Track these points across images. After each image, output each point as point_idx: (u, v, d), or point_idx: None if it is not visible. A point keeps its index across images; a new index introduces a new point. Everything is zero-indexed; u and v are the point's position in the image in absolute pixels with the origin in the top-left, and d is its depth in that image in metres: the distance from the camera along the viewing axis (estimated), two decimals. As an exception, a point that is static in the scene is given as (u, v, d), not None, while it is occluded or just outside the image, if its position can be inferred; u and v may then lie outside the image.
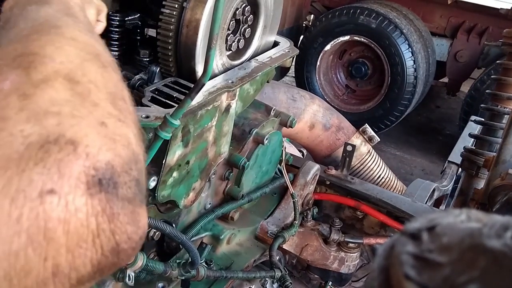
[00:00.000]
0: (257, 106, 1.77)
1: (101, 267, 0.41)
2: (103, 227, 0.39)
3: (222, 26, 1.39)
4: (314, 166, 2.00)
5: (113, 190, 0.40)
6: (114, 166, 0.41)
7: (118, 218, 0.40)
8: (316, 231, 1.95)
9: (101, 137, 0.41)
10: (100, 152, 0.40)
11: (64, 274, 0.38)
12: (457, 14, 5.55)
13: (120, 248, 0.41)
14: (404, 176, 4.41)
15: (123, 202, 0.41)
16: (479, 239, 0.33)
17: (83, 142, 0.39)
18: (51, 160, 0.37)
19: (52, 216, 0.37)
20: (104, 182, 0.39)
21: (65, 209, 0.37)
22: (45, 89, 0.41)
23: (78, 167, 0.38)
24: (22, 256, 0.36)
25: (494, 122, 2.25)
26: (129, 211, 0.41)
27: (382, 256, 0.37)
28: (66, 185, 0.38)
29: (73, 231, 0.38)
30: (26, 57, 0.44)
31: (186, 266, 1.42)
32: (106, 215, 0.39)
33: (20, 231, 0.36)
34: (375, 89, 5.59)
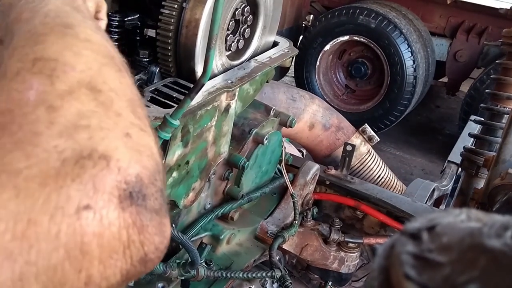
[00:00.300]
0: (257, 106, 1.77)
1: (130, 276, 0.42)
2: (133, 238, 0.41)
3: (222, 27, 1.39)
4: (313, 166, 2.00)
5: (143, 203, 0.41)
6: (142, 178, 0.42)
7: (147, 230, 0.42)
8: (316, 231, 1.95)
9: (128, 149, 0.42)
10: (130, 165, 0.41)
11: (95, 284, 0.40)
12: (456, 14, 5.55)
13: (147, 258, 0.43)
14: (404, 176, 4.42)
15: (151, 214, 0.42)
16: (479, 239, 0.33)
17: (114, 157, 0.41)
18: (86, 176, 0.39)
19: (87, 231, 0.38)
20: (134, 195, 0.41)
21: (100, 223, 0.39)
22: (71, 101, 0.42)
23: (111, 181, 0.40)
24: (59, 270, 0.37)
25: (493, 122, 2.25)
26: (157, 223, 0.43)
27: (382, 256, 0.37)
28: (101, 200, 0.39)
29: (106, 243, 0.39)
30: (46, 63, 0.45)
31: (186, 266, 1.42)
32: (137, 227, 0.41)
33: (59, 246, 0.37)
34: (374, 89, 5.59)
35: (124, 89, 0.48)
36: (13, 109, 0.41)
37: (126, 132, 0.43)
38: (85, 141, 0.40)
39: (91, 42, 0.50)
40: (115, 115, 0.44)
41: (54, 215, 0.37)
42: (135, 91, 0.50)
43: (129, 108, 0.46)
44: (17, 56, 0.46)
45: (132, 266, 0.42)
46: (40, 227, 0.36)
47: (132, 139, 0.43)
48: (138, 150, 0.43)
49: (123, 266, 0.41)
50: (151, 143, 0.45)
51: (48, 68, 0.44)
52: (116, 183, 0.40)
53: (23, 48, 0.47)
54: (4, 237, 0.35)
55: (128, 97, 0.47)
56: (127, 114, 0.45)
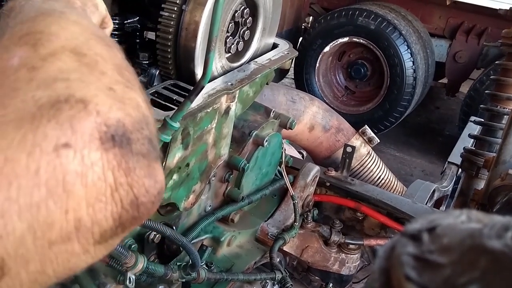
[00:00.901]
0: (257, 108, 1.78)
1: (123, 221, 0.41)
2: (120, 181, 0.40)
3: (221, 29, 1.39)
4: (314, 167, 2.00)
5: (127, 146, 0.41)
6: (125, 124, 0.41)
7: (134, 172, 0.41)
8: (317, 233, 1.95)
9: (110, 98, 0.42)
10: (110, 110, 0.41)
11: (86, 228, 0.39)
12: (455, 15, 5.56)
13: (139, 202, 0.42)
14: (404, 177, 4.42)
15: (137, 156, 0.42)
16: (480, 240, 0.33)
17: (93, 101, 0.40)
18: (63, 116, 0.38)
19: (69, 169, 0.38)
20: (117, 138, 0.40)
21: (82, 162, 0.38)
22: (53, 62, 0.42)
23: (90, 123, 0.39)
24: (43, 208, 0.37)
25: (493, 123, 2.25)
26: (144, 165, 0.42)
27: (383, 257, 0.37)
28: (80, 140, 0.38)
29: (91, 184, 0.39)
30: (32, 35, 0.45)
31: (187, 269, 1.42)
32: (122, 169, 0.40)
33: (39, 184, 0.37)
34: (374, 90, 5.60)
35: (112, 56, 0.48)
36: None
37: (109, 87, 0.43)
38: (63, 89, 0.40)
39: (80, 24, 0.50)
40: (99, 73, 0.44)
41: (32, 152, 0.36)
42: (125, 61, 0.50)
43: (115, 69, 0.46)
44: (6, 35, 0.47)
45: (124, 209, 0.41)
46: (17, 164, 0.36)
47: (116, 92, 0.43)
48: (122, 101, 0.42)
49: (113, 209, 0.40)
50: (137, 98, 0.45)
51: (33, 39, 0.45)
52: (95, 125, 0.39)
53: (12, 29, 0.48)
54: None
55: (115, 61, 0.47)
56: (112, 74, 0.45)
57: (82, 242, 0.40)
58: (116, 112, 0.41)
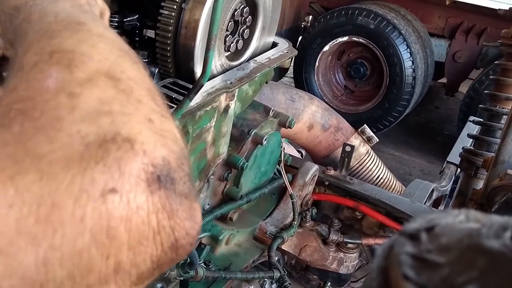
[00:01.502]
0: (256, 107, 1.77)
1: (161, 264, 0.41)
2: (163, 224, 0.39)
3: (221, 27, 1.39)
4: (313, 166, 2.00)
5: (171, 186, 0.40)
6: (170, 162, 0.41)
7: (177, 214, 0.40)
8: (315, 232, 1.95)
9: (153, 133, 0.41)
10: (156, 148, 0.40)
11: (125, 271, 0.39)
12: (455, 14, 5.55)
13: (179, 244, 0.41)
14: (403, 177, 4.42)
15: (181, 198, 0.41)
16: (478, 240, 0.33)
17: (138, 139, 0.39)
18: (111, 158, 0.37)
19: (114, 215, 0.37)
20: (162, 178, 0.39)
21: (127, 207, 0.37)
22: (91, 88, 0.41)
23: (137, 164, 0.38)
24: (85, 255, 0.36)
25: (492, 123, 2.25)
26: (187, 207, 0.41)
27: (381, 256, 0.37)
28: (127, 183, 0.38)
29: (135, 228, 0.38)
30: (64, 54, 0.44)
31: (185, 267, 1.42)
32: (166, 211, 0.40)
33: (84, 231, 0.36)
34: (373, 89, 5.59)
35: (142, 78, 0.47)
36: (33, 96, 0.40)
37: (148, 118, 0.42)
38: (108, 125, 0.39)
39: (105, 37, 0.49)
40: (136, 102, 0.43)
41: (79, 198, 0.36)
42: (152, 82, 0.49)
43: (149, 96, 0.45)
44: (33, 50, 0.46)
45: (163, 252, 0.40)
46: (64, 211, 0.35)
47: (155, 124, 0.42)
48: (162, 135, 0.42)
49: (153, 252, 0.40)
50: (174, 129, 0.44)
51: (65, 59, 0.43)
52: (143, 165, 0.38)
53: (39, 43, 0.46)
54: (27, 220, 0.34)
55: (147, 86, 0.46)
56: (148, 101, 0.44)
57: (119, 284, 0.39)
58: (161, 149, 0.40)
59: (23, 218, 0.34)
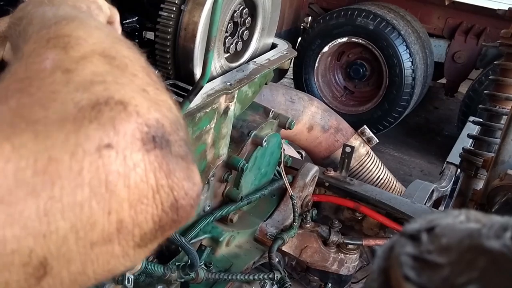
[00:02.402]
0: (256, 108, 1.78)
1: (162, 224, 0.41)
2: (161, 182, 0.40)
3: (220, 29, 1.39)
4: (313, 167, 2.00)
5: (167, 147, 0.41)
6: (164, 125, 0.41)
7: (174, 174, 0.41)
8: (315, 233, 1.95)
9: (146, 99, 0.42)
10: (149, 111, 0.41)
11: (127, 230, 0.39)
12: (454, 15, 5.56)
13: (179, 204, 0.42)
14: (403, 177, 4.42)
15: (177, 158, 0.41)
16: (478, 240, 0.33)
17: (132, 102, 0.40)
18: (104, 118, 0.38)
19: (112, 169, 0.38)
20: (157, 139, 0.40)
21: (124, 163, 0.38)
22: (85, 64, 0.43)
23: (131, 124, 0.39)
24: (86, 208, 0.37)
25: (492, 123, 2.26)
26: (184, 167, 0.42)
27: (382, 257, 0.37)
28: (122, 141, 0.38)
29: (134, 185, 0.39)
30: (61, 38, 0.46)
31: (186, 269, 1.42)
32: (163, 170, 0.40)
33: (83, 184, 0.37)
34: (373, 90, 5.60)
35: (137, 57, 0.48)
36: (31, 76, 0.42)
37: (143, 88, 0.43)
38: (101, 92, 0.40)
39: (100, 28, 0.51)
40: (131, 75, 0.44)
41: (75, 153, 0.37)
42: (148, 64, 0.51)
43: (144, 71, 0.46)
44: (32, 40, 0.48)
45: (164, 212, 0.41)
46: (61, 164, 0.36)
47: (149, 94, 0.43)
48: (157, 102, 0.43)
49: (154, 211, 0.40)
50: (168, 100, 0.45)
51: (62, 42, 0.45)
52: (137, 125, 0.39)
53: (38, 33, 0.48)
54: (25, 173, 0.35)
55: (142, 64, 0.48)
56: (143, 76, 0.45)
57: (122, 244, 0.40)
58: (154, 113, 0.41)
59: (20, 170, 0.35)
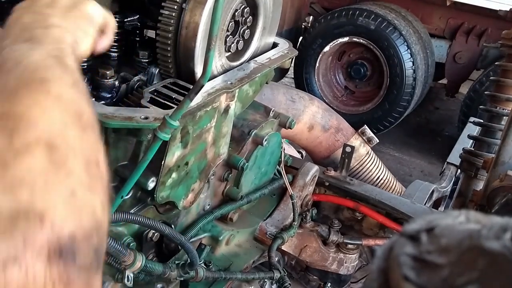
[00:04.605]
0: (256, 107, 1.77)
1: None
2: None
3: (221, 28, 1.39)
4: (313, 167, 2.00)
5: (72, 259, 0.44)
6: (76, 236, 0.45)
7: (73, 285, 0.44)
8: (315, 232, 1.95)
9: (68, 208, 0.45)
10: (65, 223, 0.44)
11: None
12: (456, 15, 5.56)
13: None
14: (403, 177, 4.42)
15: (79, 270, 0.45)
16: (478, 241, 0.33)
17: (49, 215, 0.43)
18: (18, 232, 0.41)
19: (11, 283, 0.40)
20: (64, 251, 0.43)
21: (25, 276, 0.41)
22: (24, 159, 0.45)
23: (42, 237, 0.42)
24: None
25: (493, 124, 2.26)
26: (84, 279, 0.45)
27: (381, 257, 0.37)
28: (29, 254, 0.41)
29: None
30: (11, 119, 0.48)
31: (185, 267, 1.42)
32: (63, 282, 0.43)
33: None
34: (374, 90, 5.59)
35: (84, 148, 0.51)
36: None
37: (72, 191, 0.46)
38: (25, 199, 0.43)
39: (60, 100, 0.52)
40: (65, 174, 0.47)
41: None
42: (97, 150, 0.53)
43: (83, 166, 0.49)
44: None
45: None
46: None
47: (75, 198, 0.46)
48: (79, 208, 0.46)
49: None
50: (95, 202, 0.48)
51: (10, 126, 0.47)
52: (47, 238, 0.42)
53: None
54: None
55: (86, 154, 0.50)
56: (79, 173, 0.48)
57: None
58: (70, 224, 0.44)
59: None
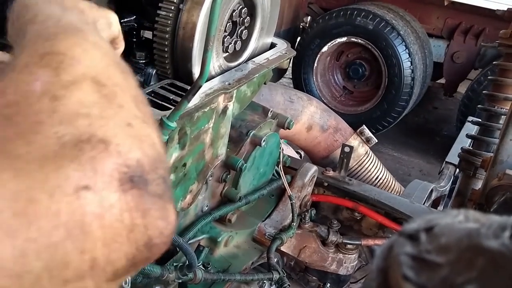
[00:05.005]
0: (254, 108, 1.77)
1: (135, 262, 0.42)
2: (136, 222, 0.41)
3: (219, 28, 1.39)
4: (311, 167, 2.00)
5: (144, 187, 0.42)
6: (143, 164, 0.42)
7: (150, 214, 0.42)
8: (314, 233, 1.95)
9: (129, 136, 0.43)
10: (130, 150, 0.42)
11: (100, 267, 0.40)
12: (453, 15, 5.57)
13: (152, 243, 0.42)
14: (401, 177, 4.42)
15: (153, 198, 0.42)
16: (477, 240, 0.33)
17: (113, 141, 0.41)
18: (85, 157, 0.39)
19: (87, 211, 0.38)
20: (135, 179, 0.41)
21: (100, 204, 0.39)
22: (74, 91, 0.43)
23: (110, 164, 0.40)
24: (61, 249, 0.37)
25: (491, 123, 2.26)
26: (160, 207, 0.43)
27: (381, 257, 0.36)
28: (100, 182, 0.39)
29: (108, 225, 0.39)
30: (55, 56, 0.46)
31: (183, 269, 1.42)
32: (139, 210, 0.41)
33: (59, 225, 0.37)
34: (372, 90, 5.60)
35: (129, 86, 0.49)
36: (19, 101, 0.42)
37: (128, 122, 0.44)
38: (85, 127, 0.41)
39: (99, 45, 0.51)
40: (117, 107, 0.45)
41: (53, 194, 0.37)
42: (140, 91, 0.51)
43: (132, 102, 0.47)
44: (27, 52, 0.48)
45: (138, 250, 0.41)
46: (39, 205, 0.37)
47: (133, 128, 0.44)
48: (140, 139, 0.44)
49: (128, 250, 0.41)
50: (153, 135, 0.46)
51: (55, 61, 0.45)
52: (116, 166, 0.40)
53: (34, 45, 0.48)
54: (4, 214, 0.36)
55: (132, 93, 0.48)
56: (130, 107, 0.46)
57: (95, 280, 0.40)
58: (135, 152, 0.42)
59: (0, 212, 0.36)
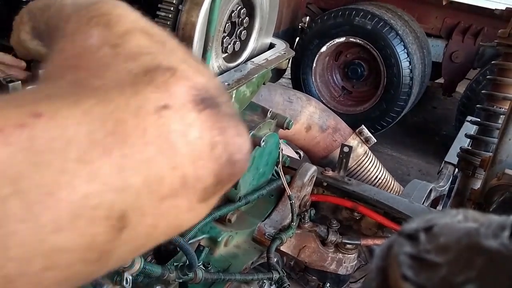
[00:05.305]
0: (254, 108, 1.77)
1: (221, 178, 0.44)
2: (216, 139, 0.42)
3: (218, 29, 1.39)
4: (311, 167, 2.00)
5: (216, 107, 0.43)
6: (210, 88, 0.44)
7: (227, 131, 0.43)
8: (314, 233, 1.95)
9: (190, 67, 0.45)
10: (196, 76, 0.44)
11: (191, 184, 0.41)
12: (452, 15, 5.57)
13: (234, 159, 0.44)
14: (401, 177, 4.42)
15: (227, 117, 0.44)
16: (476, 239, 0.33)
17: (179, 68, 0.43)
18: (158, 81, 0.41)
19: (172, 128, 0.40)
20: (207, 100, 0.43)
21: (182, 122, 0.40)
22: (129, 38, 0.46)
23: (182, 87, 0.42)
24: (154, 164, 0.39)
25: (490, 122, 2.26)
26: (234, 125, 0.44)
27: (380, 257, 0.37)
28: (177, 102, 0.41)
29: (192, 142, 0.41)
30: (101, 17, 0.48)
31: (184, 269, 1.42)
32: (217, 128, 0.42)
33: (149, 142, 0.39)
34: (371, 90, 5.60)
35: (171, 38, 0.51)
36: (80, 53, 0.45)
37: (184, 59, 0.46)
38: (149, 61, 0.43)
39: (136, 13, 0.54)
40: (171, 50, 0.47)
41: (137, 114, 0.39)
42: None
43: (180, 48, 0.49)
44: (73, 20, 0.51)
45: (222, 167, 0.43)
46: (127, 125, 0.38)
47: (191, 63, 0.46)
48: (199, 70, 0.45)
49: (213, 166, 0.42)
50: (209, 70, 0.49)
51: (103, 20, 0.48)
52: (187, 88, 0.42)
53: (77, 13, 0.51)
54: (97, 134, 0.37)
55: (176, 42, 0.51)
56: (181, 50, 0.48)
57: (188, 199, 0.42)
58: (201, 77, 0.44)
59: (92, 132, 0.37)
